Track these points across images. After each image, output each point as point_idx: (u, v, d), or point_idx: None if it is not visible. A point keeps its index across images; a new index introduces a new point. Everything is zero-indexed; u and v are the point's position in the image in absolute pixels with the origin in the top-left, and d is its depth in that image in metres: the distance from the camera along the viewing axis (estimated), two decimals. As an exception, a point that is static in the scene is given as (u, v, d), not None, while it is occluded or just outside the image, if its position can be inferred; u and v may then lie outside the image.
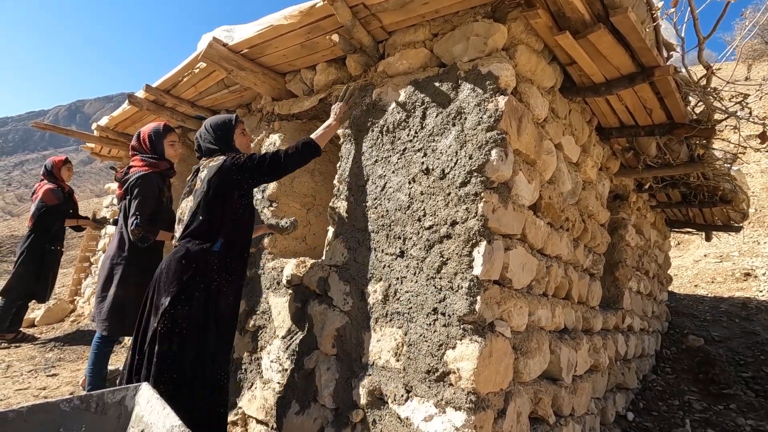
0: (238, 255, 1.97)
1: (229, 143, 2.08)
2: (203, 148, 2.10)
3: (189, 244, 1.88)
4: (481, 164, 1.69)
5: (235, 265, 1.96)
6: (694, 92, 2.21)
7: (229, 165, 1.90)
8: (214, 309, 1.86)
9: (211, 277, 1.86)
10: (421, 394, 1.70)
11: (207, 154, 2.08)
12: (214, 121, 2.12)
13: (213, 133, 2.08)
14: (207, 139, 2.09)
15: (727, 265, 6.97)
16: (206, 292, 1.84)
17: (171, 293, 1.79)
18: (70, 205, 4.12)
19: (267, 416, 2.24)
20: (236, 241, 1.96)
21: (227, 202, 1.91)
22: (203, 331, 1.83)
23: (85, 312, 5.03)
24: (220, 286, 1.89)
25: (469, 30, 1.85)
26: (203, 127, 2.13)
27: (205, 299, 1.84)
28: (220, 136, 2.07)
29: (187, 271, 1.82)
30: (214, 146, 2.06)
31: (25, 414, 1.26)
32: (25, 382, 2.96)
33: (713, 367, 3.94)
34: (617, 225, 3.50)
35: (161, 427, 1.33)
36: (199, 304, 1.82)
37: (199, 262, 1.84)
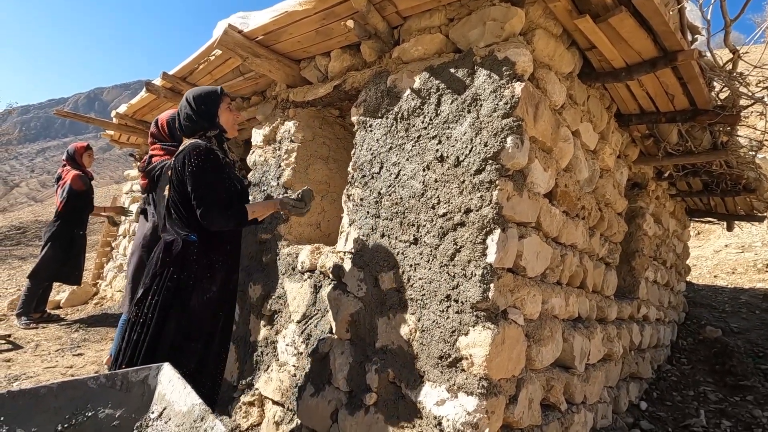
0: (218, 247, 1.87)
1: (213, 119, 1.87)
2: (182, 126, 1.87)
3: (167, 236, 1.83)
4: (497, 152, 1.68)
5: (216, 257, 1.86)
6: (719, 77, 2.14)
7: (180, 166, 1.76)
8: (180, 303, 1.79)
9: (189, 269, 1.79)
10: (433, 379, 1.72)
11: (187, 133, 1.87)
12: (197, 93, 1.87)
13: (195, 107, 1.84)
14: (187, 114, 1.85)
15: (748, 255, 6.80)
16: (177, 284, 1.78)
17: (145, 285, 1.80)
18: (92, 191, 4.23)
19: (283, 397, 2.30)
20: (213, 233, 1.83)
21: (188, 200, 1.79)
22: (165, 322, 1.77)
23: (108, 295, 5.20)
24: (197, 279, 1.81)
25: (486, 14, 1.82)
26: (183, 99, 1.88)
27: (173, 291, 1.77)
28: (203, 111, 1.84)
29: (164, 263, 1.78)
30: (194, 124, 1.84)
31: (55, 390, 1.32)
32: (53, 361, 3.10)
33: (730, 359, 3.88)
34: (635, 214, 3.44)
35: (183, 405, 1.38)
36: (166, 295, 1.76)
37: (176, 255, 1.78)
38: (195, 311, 1.82)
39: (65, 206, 3.96)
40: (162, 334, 1.77)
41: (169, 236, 1.83)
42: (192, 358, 1.83)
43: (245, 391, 2.55)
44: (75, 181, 3.96)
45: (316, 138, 2.93)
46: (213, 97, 1.88)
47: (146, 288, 1.80)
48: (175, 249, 1.80)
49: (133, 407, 1.46)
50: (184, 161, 1.77)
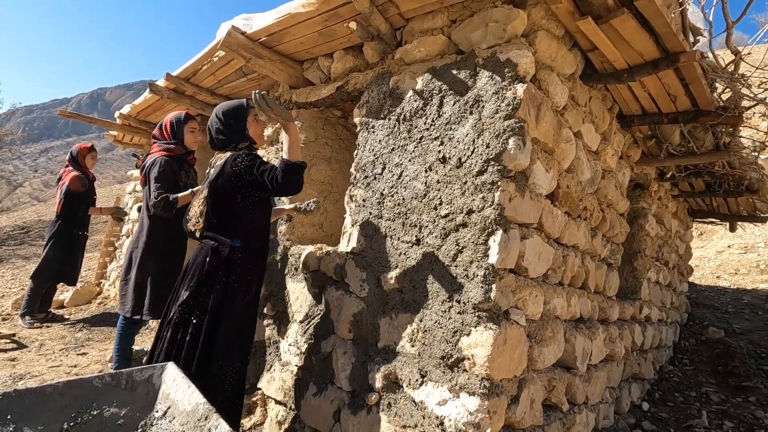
0: (255, 252, 1.97)
1: (242, 132, 1.98)
2: (215, 140, 2.00)
3: (211, 241, 1.90)
4: (499, 153, 1.69)
5: (253, 263, 1.96)
6: (721, 78, 2.14)
7: (228, 171, 1.85)
8: (230, 305, 1.88)
9: (231, 273, 1.88)
10: (435, 379, 1.73)
11: (219, 146, 1.99)
12: (225, 108, 1.99)
13: (225, 121, 1.96)
14: (218, 129, 1.97)
15: (751, 256, 6.78)
16: (224, 288, 1.86)
17: (191, 288, 1.85)
18: (93, 192, 4.26)
19: (285, 397, 2.31)
20: (252, 239, 1.94)
21: (233, 204, 1.89)
22: (215, 324, 1.84)
23: (111, 294, 5.22)
24: (239, 283, 1.90)
25: (488, 16, 1.82)
26: (213, 115, 2.00)
27: (222, 295, 1.86)
28: (233, 125, 1.96)
29: (210, 267, 1.85)
30: (223, 137, 1.96)
31: (61, 389, 1.34)
32: (57, 360, 3.12)
33: (733, 359, 3.88)
34: (637, 214, 3.44)
35: (186, 404, 1.40)
36: (215, 299, 1.84)
37: (221, 260, 1.86)
38: (241, 313, 1.92)
39: (63, 207, 4.01)
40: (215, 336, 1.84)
41: (214, 243, 1.89)
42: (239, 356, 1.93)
43: (248, 390, 2.56)
44: (73, 182, 3.99)
45: (318, 139, 2.94)
46: (240, 110, 1.98)
47: (192, 291, 1.84)
48: (222, 253, 1.87)
49: (138, 406, 1.47)
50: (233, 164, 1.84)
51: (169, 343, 1.84)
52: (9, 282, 6.48)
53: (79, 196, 4.05)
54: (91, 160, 4.22)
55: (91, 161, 4.22)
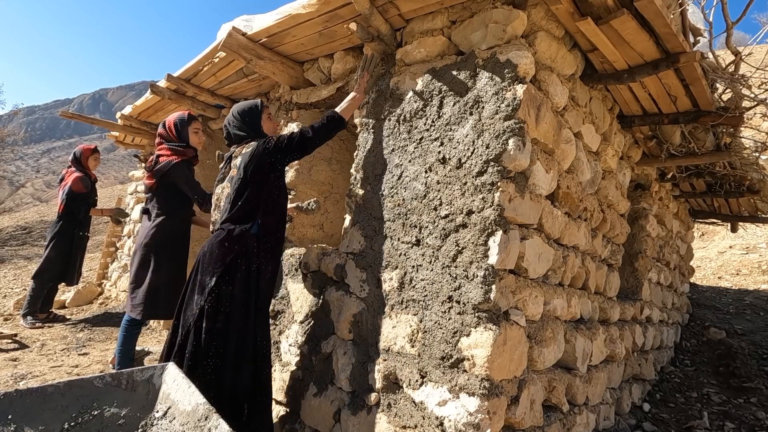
0: (273, 235, 2.07)
1: (257, 128, 2.16)
2: (233, 135, 2.18)
3: (231, 227, 1.97)
4: (498, 154, 1.69)
5: (272, 245, 2.06)
6: (721, 79, 2.14)
7: (261, 150, 1.99)
8: (255, 288, 1.97)
9: (251, 257, 1.96)
10: (435, 379, 1.73)
11: (237, 140, 2.16)
12: (241, 108, 2.18)
13: (241, 119, 2.15)
14: (236, 125, 2.16)
15: (753, 257, 6.77)
16: (247, 271, 1.95)
17: (216, 273, 1.90)
18: (95, 193, 4.28)
19: (285, 397, 2.32)
20: (272, 222, 2.05)
21: (264, 185, 2.01)
22: (246, 308, 1.93)
23: (112, 295, 5.24)
24: (260, 266, 1.99)
25: (488, 17, 1.83)
26: (231, 114, 2.20)
27: (246, 278, 1.94)
28: (249, 122, 2.15)
29: (230, 252, 1.92)
30: (243, 132, 2.14)
31: (62, 389, 1.34)
32: (59, 360, 3.12)
33: (734, 360, 3.87)
34: (638, 215, 3.44)
35: (186, 404, 1.40)
36: (242, 283, 1.93)
37: (241, 244, 1.94)
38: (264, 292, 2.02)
39: (65, 207, 4.04)
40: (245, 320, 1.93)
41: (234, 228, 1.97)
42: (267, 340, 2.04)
43: (248, 390, 2.57)
44: (75, 183, 4.02)
45: (319, 139, 2.94)
46: (255, 110, 2.17)
47: (218, 276, 1.90)
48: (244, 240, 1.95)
49: (138, 406, 1.48)
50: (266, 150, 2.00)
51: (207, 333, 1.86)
52: (11, 282, 6.50)
53: (81, 196, 4.08)
54: (94, 162, 4.24)
55: (93, 162, 4.24)
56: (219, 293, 1.90)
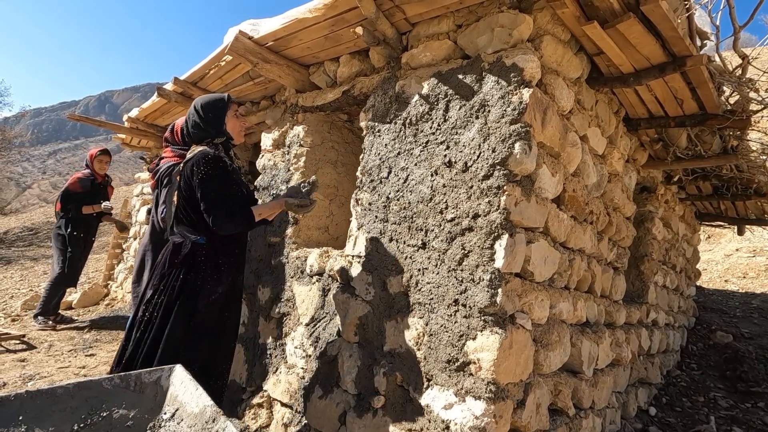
0: (228, 247, 1.91)
1: (220, 126, 1.90)
2: (190, 133, 1.91)
3: (174, 238, 1.88)
4: (505, 157, 1.69)
5: (224, 259, 1.90)
6: (728, 82, 2.13)
7: (188, 173, 1.80)
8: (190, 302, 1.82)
9: (193, 270, 1.83)
10: (441, 382, 1.74)
11: (195, 140, 1.91)
12: (204, 101, 1.90)
13: (203, 114, 1.87)
14: (194, 122, 1.89)
15: (760, 260, 6.72)
16: (184, 284, 1.81)
17: (153, 285, 1.84)
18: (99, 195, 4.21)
19: (291, 399, 2.32)
20: (221, 236, 1.87)
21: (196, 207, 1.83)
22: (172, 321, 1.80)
23: (119, 296, 5.27)
24: (204, 280, 1.84)
25: (494, 21, 1.83)
26: (192, 107, 1.91)
27: (180, 291, 1.81)
28: (210, 119, 1.88)
29: (171, 264, 1.82)
30: (201, 131, 1.88)
31: (72, 390, 1.35)
32: (66, 361, 3.15)
33: (742, 364, 3.84)
34: (644, 218, 3.42)
35: (194, 406, 1.41)
36: (172, 295, 1.80)
37: (184, 256, 1.82)
38: (202, 312, 1.85)
39: (60, 206, 4.06)
40: (168, 334, 1.80)
41: (178, 238, 1.87)
42: (197, 357, 1.84)
43: (254, 392, 2.58)
44: (73, 183, 4.03)
45: (324, 142, 2.96)
46: (220, 104, 1.90)
47: (154, 288, 1.84)
48: (183, 251, 1.84)
49: (146, 408, 1.49)
50: (192, 169, 1.81)
51: (135, 343, 1.81)
52: (18, 283, 6.55)
53: (75, 197, 4.05)
54: (99, 164, 4.24)
55: (98, 165, 4.24)
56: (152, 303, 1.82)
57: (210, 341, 1.90)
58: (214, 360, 1.94)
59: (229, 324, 2.01)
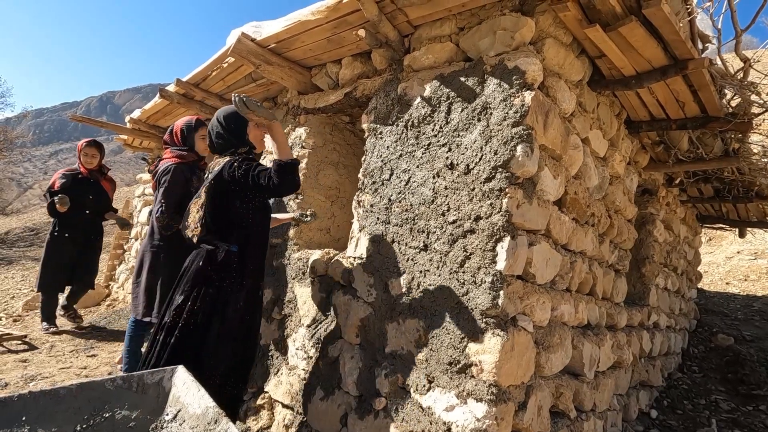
0: (253, 256, 1.97)
1: (242, 137, 1.97)
2: (214, 144, 2.00)
3: (207, 246, 1.91)
4: (506, 160, 1.70)
5: (252, 267, 1.96)
6: (730, 85, 2.13)
7: (226, 177, 1.85)
8: (221, 309, 1.88)
9: (227, 278, 1.88)
10: (442, 384, 1.74)
11: (218, 150, 1.99)
12: (226, 113, 1.98)
13: (225, 126, 1.95)
14: (218, 133, 1.97)
15: (762, 262, 6.71)
16: (217, 292, 1.87)
17: (185, 292, 1.86)
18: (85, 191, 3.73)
19: (292, 401, 2.33)
20: (251, 244, 1.94)
21: (231, 209, 1.89)
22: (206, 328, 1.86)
23: (120, 297, 5.28)
24: (233, 288, 1.90)
25: (496, 24, 1.84)
26: (214, 119, 2.00)
27: (213, 299, 1.86)
28: (233, 129, 1.95)
29: (204, 272, 1.86)
30: (223, 141, 1.96)
31: (75, 391, 1.36)
32: (68, 362, 3.15)
33: (743, 367, 3.83)
34: (645, 220, 3.42)
35: (197, 408, 1.41)
36: (206, 302, 1.85)
37: (217, 265, 1.87)
38: (232, 317, 1.91)
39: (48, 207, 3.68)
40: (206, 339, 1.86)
41: (210, 246, 1.90)
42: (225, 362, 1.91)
43: (255, 394, 2.58)
44: (54, 180, 3.68)
45: (326, 144, 2.97)
46: (241, 116, 1.94)
47: (186, 295, 1.86)
48: (218, 258, 1.88)
49: (149, 409, 1.49)
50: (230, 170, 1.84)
51: (161, 346, 1.85)
52: (19, 283, 6.57)
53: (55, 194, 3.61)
54: (84, 157, 3.70)
55: (84, 158, 3.71)
56: (183, 310, 1.85)
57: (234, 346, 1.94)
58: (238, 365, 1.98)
59: (254, 328, 2.04)
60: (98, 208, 3.84)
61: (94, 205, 3.82)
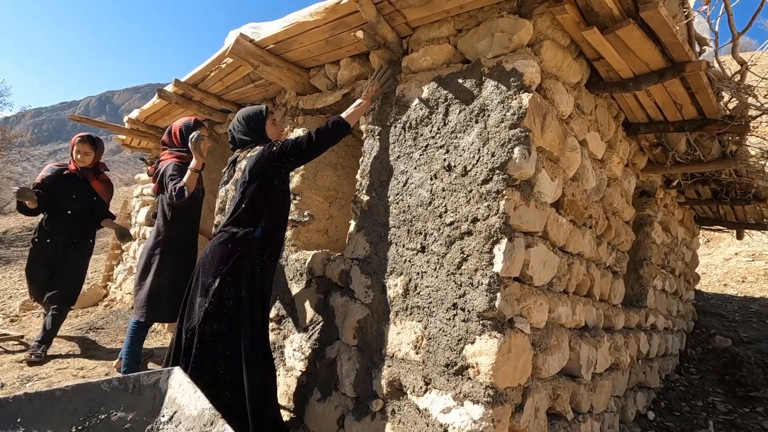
0: (276, 238, 2.10)
1: (262, 133, 2.18)
2: (237, 140, 2.20)
3: (234, 229, 2.00)
4: (504, 162, 1.70)
5: (274, 248, 2.09)
6: (727, 88, 2.14)
7: (267, 154, 2.01)
8: (260, 290, 2.00)
9: (254, 259, 1.98)
10: (439, 386, 1.74)
11: (241, 145, 2.19)
12: (246, 113, 2.21)
13: (246, 125, 2.18)
14: (240, 130, 2.19)
15: (759, 264, 6.72)
16: (252, 273, 1.97)
17: (219, 274, 1.92)
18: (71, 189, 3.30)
19: (290, 402, 2.32)
20: (275, 225, 2.08)
21: (268, 189, 2.02)
22: (253, 310, 1.95)
23: (118, 297, 5.27)
24: (263, 268, 2.02)
25: (494, 26, 1.84)
26: (236, 119, 2.22)
27: (250, 280, 1.96)
28: (253, 127, 2.17)
29: (233, 254, 1.95)
30: (248, 137, 2.17)
31: (71, 393, 1.35)
32: (64, 362, 3.14)
33: (740, 369, 3.84)
34: (643, 222, 3.43)
35: (192, 409, 1.41)
36: (247, 285, 1.94)
37: (244, 246, 1.96)
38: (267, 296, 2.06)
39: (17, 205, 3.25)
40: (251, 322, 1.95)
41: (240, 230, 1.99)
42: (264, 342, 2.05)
43: (252, 395, 2.57)
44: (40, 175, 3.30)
45: (324, 145, 2.96)
46: (260, 115, 2.19)
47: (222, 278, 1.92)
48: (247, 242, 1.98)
49: (145, 410, 1.49)
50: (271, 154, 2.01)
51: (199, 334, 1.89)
52: (17, 283, 6.55)
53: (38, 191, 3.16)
54: (76, 153, 3.30)
55: (75, 154, 3.30)
56: (222, 294, 1.91)
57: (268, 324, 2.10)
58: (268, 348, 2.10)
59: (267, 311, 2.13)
60: (81, 209, 3.34)
61: (76, 205, 3.31)
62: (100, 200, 3.45)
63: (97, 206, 3.44)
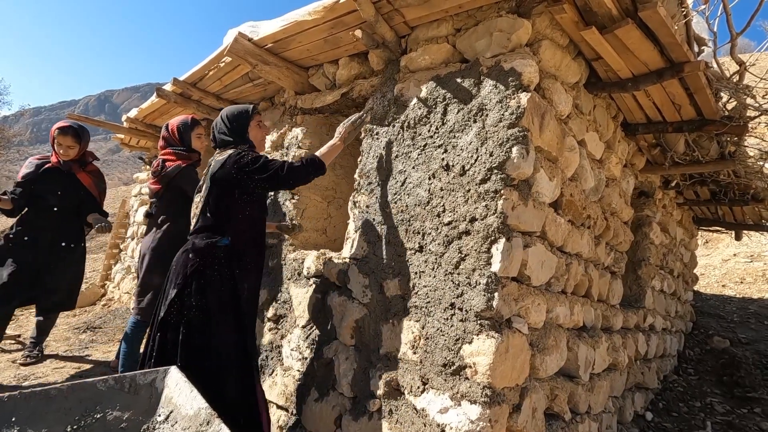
0: (251, 247, 1.97)
1: (244, 135, 2.04)
2: (217, 139, 2.07)
3: (196, 239, 1.90)
4: (502, 161, 1.70)
5: (251, 256, 1.97)
6: (726, 88, 2.14)
7: (230, 164, 1.87)
8: (230, 297, 1.86)
9: (222, 269, 1.86)
10: (437, 386, 1.73)
11: (221, 145, 2.04)
12: (231, 112, 2.07)
13: (228, 124, 2.04)
14: (221, 129, 2.05)
15: (758, 265, 6.73)
16: (220, 281, 1.85)
17: (177, 285, 1.83)
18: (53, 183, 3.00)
19: (287, 402, 2.32)
20: (246, 236, 1.95)
21: (230, 199, 1.90)
22: (223, 320, 1.83)
23: (115, 296, 5.25)
24: (237, 275, 1.89)
25: (493, 25, 1.84)
26: (219, 116, 2.09)
27: (218, 288, 1.84)
28: (235, 128, 2.03)
29: (192, 264, 1.83)
30: (228, 137, 2.02)
31: (66, 392, 1.35)
32: (61, 362, 3.13)
33: (738, 370, 3.84)
34: (641, 222, 3.43)
35: (189, 409, 1.40)
36: (213, 293, 1.83)
37: (206, 257, 1.84)
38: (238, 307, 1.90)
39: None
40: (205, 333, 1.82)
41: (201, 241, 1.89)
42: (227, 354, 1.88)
43: (250, 394, 2.57)
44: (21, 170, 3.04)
45: (323, 144, 2.96)
46: (245, 115, 2.06)
47: (180, 289, 1.82)
48: (209, 251, 1.86)
49: (141, 410, 1.48)
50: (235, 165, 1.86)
51: (159, 343, 1.82)
52: (15, 282, 6.52)
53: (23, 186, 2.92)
54: (57, 146, 2.99)
55: (58, 148, 2.99)
56: (182, 304, 1.81)
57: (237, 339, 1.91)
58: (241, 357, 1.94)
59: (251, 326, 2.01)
60: (68, 204, 3.04)
61: (63, 202, 3.01)
62: (89, 194, 3.13)
63: (85, 201, 3.11)
